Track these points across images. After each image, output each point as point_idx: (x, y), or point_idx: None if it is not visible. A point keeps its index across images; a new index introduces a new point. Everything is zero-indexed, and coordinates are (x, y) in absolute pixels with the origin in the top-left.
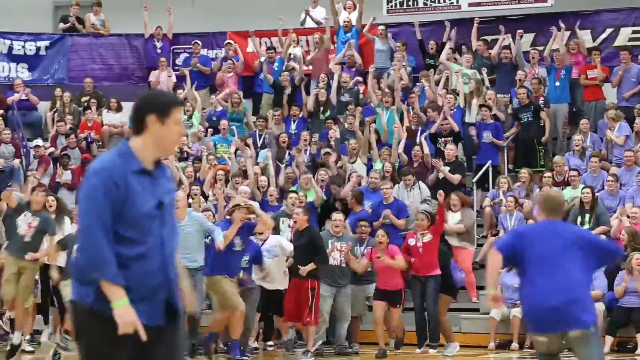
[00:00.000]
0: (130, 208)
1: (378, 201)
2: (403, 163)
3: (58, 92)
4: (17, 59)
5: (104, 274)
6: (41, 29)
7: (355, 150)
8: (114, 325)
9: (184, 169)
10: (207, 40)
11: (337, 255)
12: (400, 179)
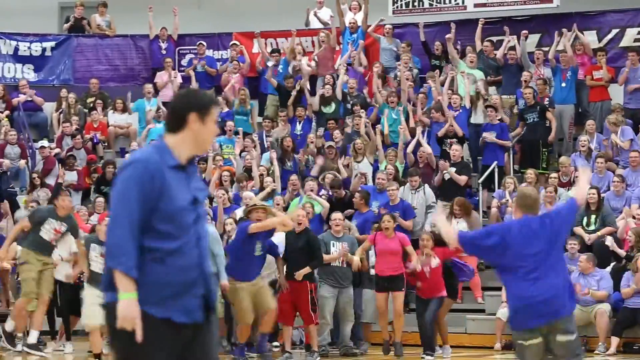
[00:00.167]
0: (166, 202)
1: (385, 202)
2: (409, 164)
3: (64, 93)
4: (23, 59)
5: (119, 263)
6: (47, 30)
7: (361, 149)
8: (154, 324)
9: None
10: (212, 41)
11: None
12: (406, 181)
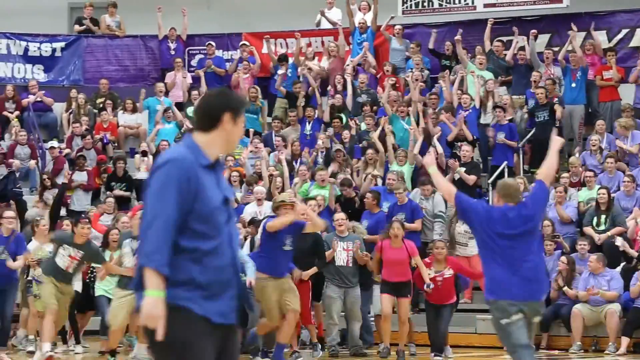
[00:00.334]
0: (201, 202)
1: (394, 202)
2: (418, 165)
3: (73, 93)
4: (33, 60)
5: (151, 260)
6: (57, 31)
7: (372, 160)
8: (196, 320)
9: None
10: (222, 41)
11: (343, 255)
12: (418, 185)
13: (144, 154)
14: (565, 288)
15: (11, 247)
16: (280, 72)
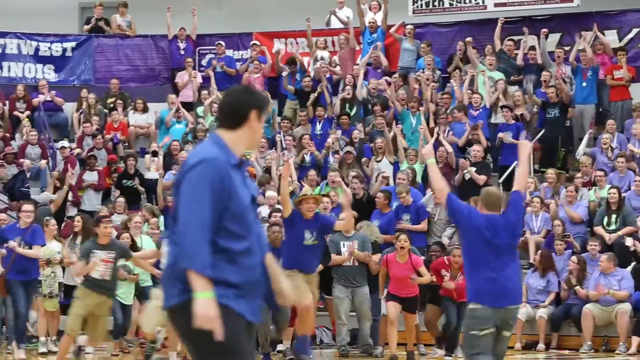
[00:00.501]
0: (234, 202)
1: (399, 204)
2: None
3: (84, 93)
4: (44, 60)
5: (194, 263)
6: (67, 30)
7: (381, 149)
8: (236, 316)
9: None
10: (232, 41)
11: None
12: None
13: (155, 154)
14: (577, 287)
15: (27, 237)
16: (284, 73)
